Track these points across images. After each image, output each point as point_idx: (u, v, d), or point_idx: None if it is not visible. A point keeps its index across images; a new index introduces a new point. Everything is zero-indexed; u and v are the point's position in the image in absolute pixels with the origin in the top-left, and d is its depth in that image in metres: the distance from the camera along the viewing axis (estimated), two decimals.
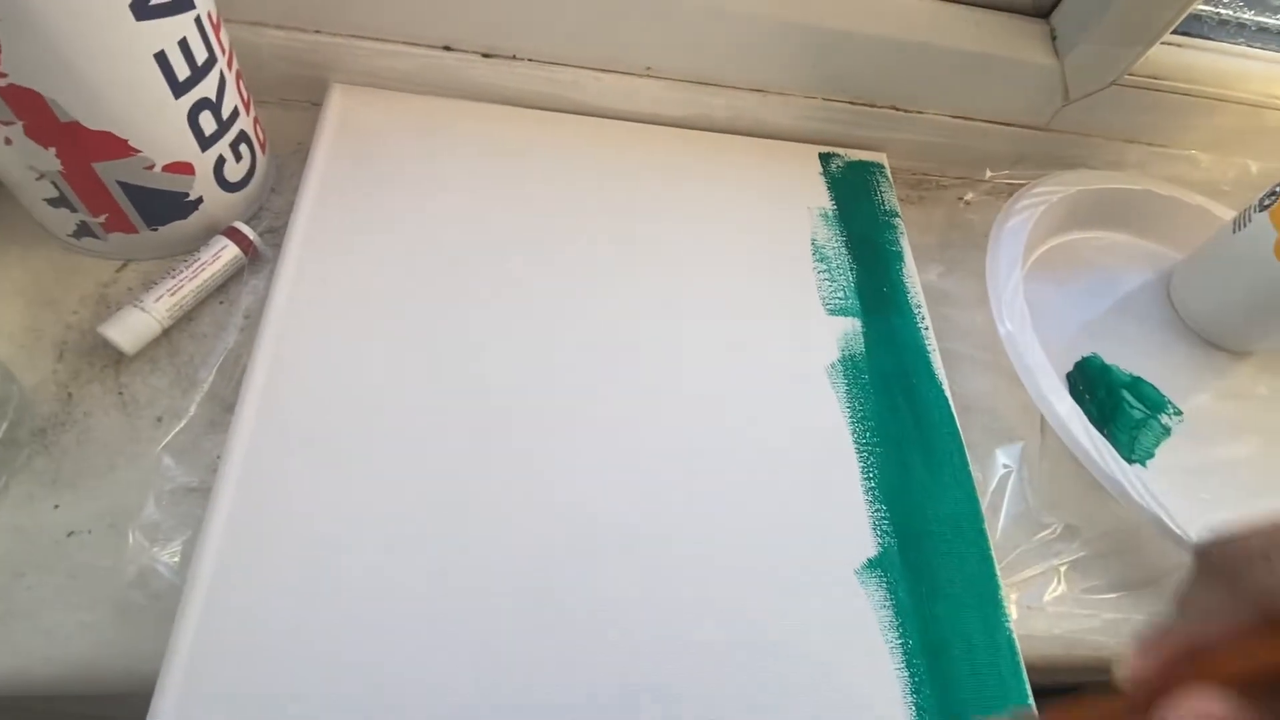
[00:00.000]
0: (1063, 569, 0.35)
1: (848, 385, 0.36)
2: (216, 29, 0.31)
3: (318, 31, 0.38)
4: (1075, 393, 0.41)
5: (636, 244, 0.38)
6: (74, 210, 0.31)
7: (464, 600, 0.28)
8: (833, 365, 0.36)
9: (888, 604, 0.31)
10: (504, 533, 0.29)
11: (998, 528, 0.35)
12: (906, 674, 0.29)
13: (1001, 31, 0.42)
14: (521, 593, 0.28)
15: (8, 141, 0.28)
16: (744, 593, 0.30)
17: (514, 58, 0.40)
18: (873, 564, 0.31)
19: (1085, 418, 0.35)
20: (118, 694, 0.27)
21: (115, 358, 0.32)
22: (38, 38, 0.25)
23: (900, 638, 0.30)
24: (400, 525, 0.29)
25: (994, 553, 0.33)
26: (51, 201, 0.31)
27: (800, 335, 0.37)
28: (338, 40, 0.38)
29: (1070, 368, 0.42)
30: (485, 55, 0.39)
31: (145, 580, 0.27)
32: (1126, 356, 0.43)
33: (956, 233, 0.46)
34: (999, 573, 0.32)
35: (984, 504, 0.35)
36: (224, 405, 0.31)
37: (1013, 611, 0.33)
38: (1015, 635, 0.31)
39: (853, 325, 0.38)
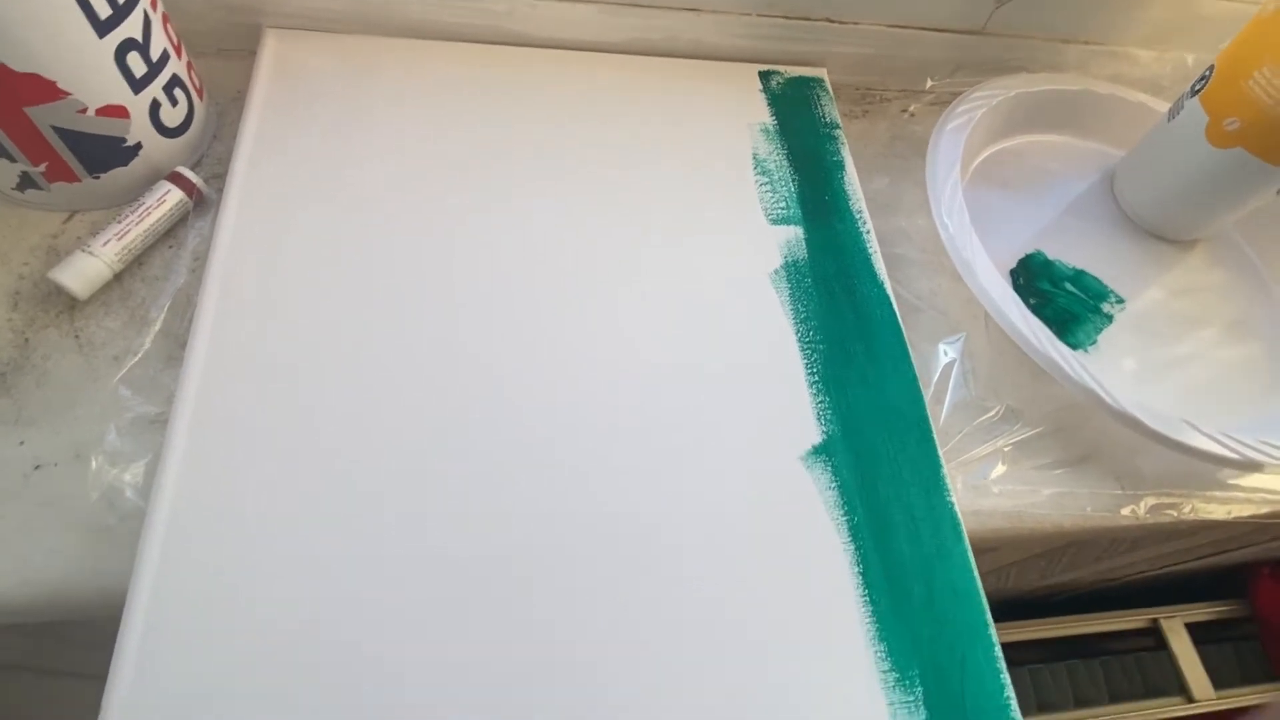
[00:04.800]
0: (1006, 449, 0.36)
1: (791, 289, 0.37)
2: None
3: None
4: (1018, 288, 0.42)
5: (579, 171, 0.39)
6: (13, 160, 0.32)
7: (407, 524, 0.29)
8: (775, 271, 0.37)
9: (833, 485, 0.32)
10: (451, 454, 0.30)
11: (941, 415, 0.37)
12: (853, 547, 0.31)
13: None
14: (474, 517, 0.29)
15: None
16: (697, 481, 0.31)
17: None
18: (818, 450, 0.33)
19: (1022, 304, 0.36)
20: (92, 618, 0.28)
21: (69, 304, 0.33)
22: None
23: (846, 515, 0.31)
24: (347, 440, 0.30)
25: (937, 437, 0.34)
26: None
27: (743, 245, 0.38)
28: None
29: (1014, 265, 0.43)
30: None
31: (111, 503, 0.28)
32: (1073, 255, 0.44)
33: (901, 144, 0.47)
34: (941, 455, 0.34)
35: (928, 395, 0.36)
36: (178, 341, 0.32)
37: (957, 489, 0.34)
38: (958, 509, 0.32)
39: (795, 233, 0.39)
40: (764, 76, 0.45)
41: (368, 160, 0.37)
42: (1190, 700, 0.66)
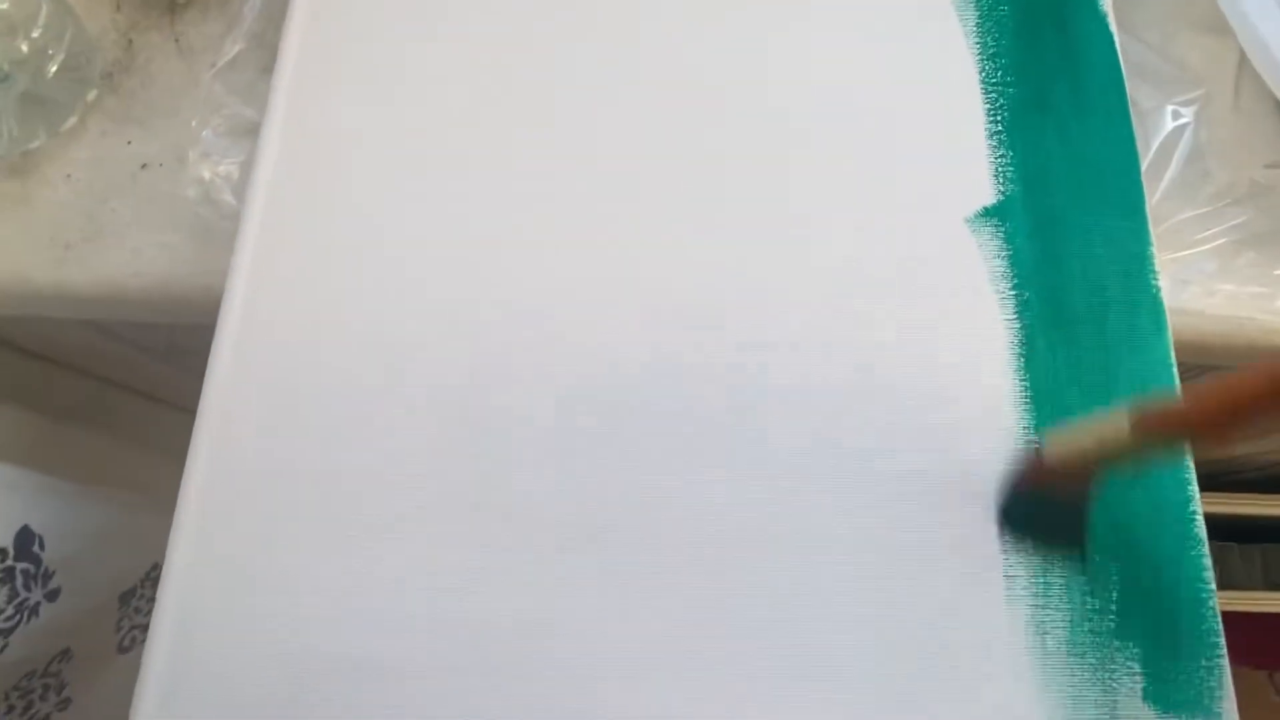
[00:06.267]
0: (1238, 242, 0.28)
1: (980, 15, 0.29)
2: None
3: None
4: None
5: None
6: None
7: (523, 234, 0.26)
8: None
9: (1004, 254, 0.26)
10: (573, 212, 0.27)
11: (1157, 192, 0.29)
12: (1018, 326, 0.25)
13: None
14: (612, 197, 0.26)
15: None
16: (843, 233, 0.26)
17: None
18: (989, 212, 0.26)
19: None
20: (195, 320, 0.28)
21: (169, 6, 0.31)
22: None
23: (1015, 289, 0.26)
24: (455, 154, 0.27)
25: (1150, 215, 0.27)
26: None
27: None
28: None
29: None
30: None
31: (212, 202, 0.27)
32: None
33: None
34: (1152, 234, 0.27)
35: (1145, 163, 0.29)
36: (274, 50, 0.30)
37: (1165, 282, 0.27)
38: (1164, 300, 0.26)
39: None
40: None
41: None
42: None
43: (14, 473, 0.29)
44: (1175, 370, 0.25)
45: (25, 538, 0.27)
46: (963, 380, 0.25)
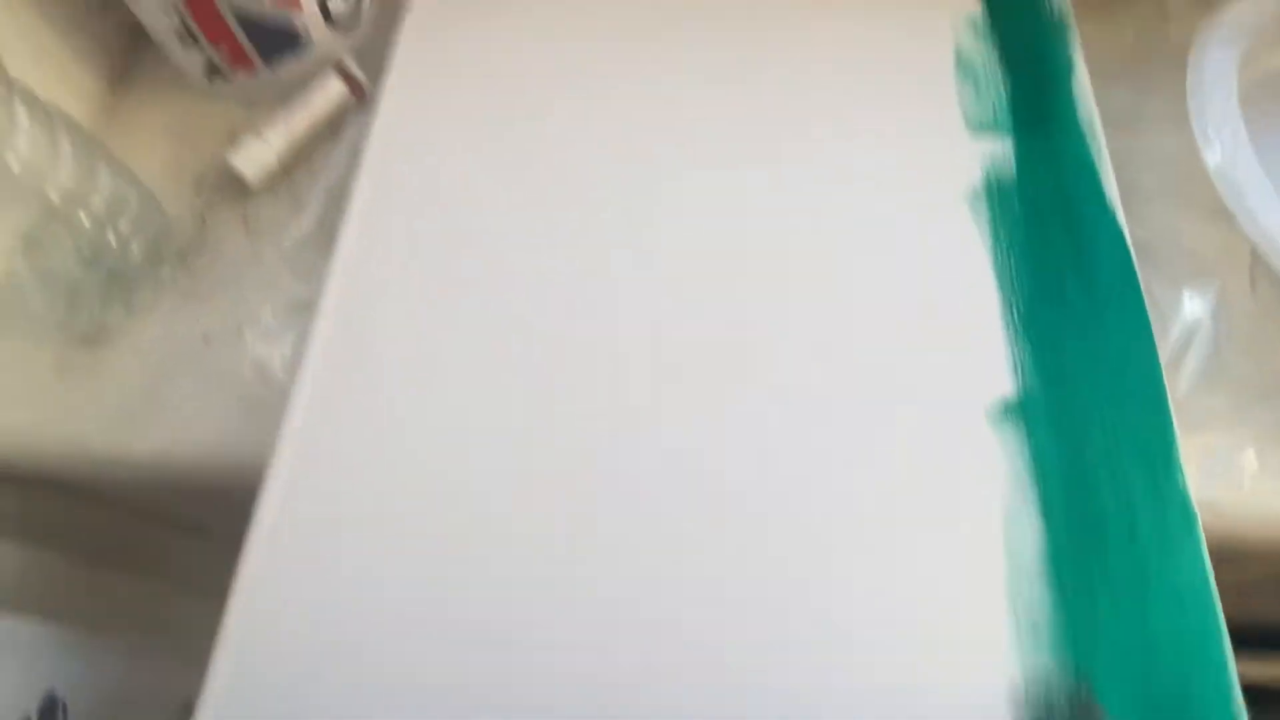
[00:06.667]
0: (1267, 434, 0.28)
1: (992, 213, 0.30)
2: None
3: None
4: None
5: (757, 62, 0.34)
6: (200, 46, 0.33)
7: (560, 415, 0.27)
8: (974, 191, 0.31)
9: (1025, 450, 0.26)
10: (616, 364, 0.28)
11: (1179, 383, 0.29)
12: (1042, 525, 0.25)
13: None
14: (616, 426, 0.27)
15: None
16: (857, 430, 0.27)
17: None
18: (1009, 407, 0.27)
19: None
20: (242, 486, 0.29)
21: (242, 189, 0.34)
22: None
23: (1039, 486, 0.26)
24: (496, 341, 0.28)
25: (1173, 410, 0.27)
26: (181, 38, 0.33)
27: (935, 157, 0.32)
28: None
29: None
30: None
31: (264, 378, 0.29)
32: None
33: (1150, 47, 0.38)
34: (1176, 428, 0.27)
35: (1163, 356, 0.29)
36: (333, 233, 0.33)
37: (1193, 476, 0.27)
38: (1194, 502, 0.26)
39: (1002, 146, 0.32)
40: None
41: (531, 60, 0.35)
42: None
43: (41, 631, 0.29)
44: (1209, 569, 0.24)
45: (49, 706, 0.28)
46: (982, 595, 0.24)
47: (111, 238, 0.29)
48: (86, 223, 0.27)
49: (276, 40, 0.34)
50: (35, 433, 0.29)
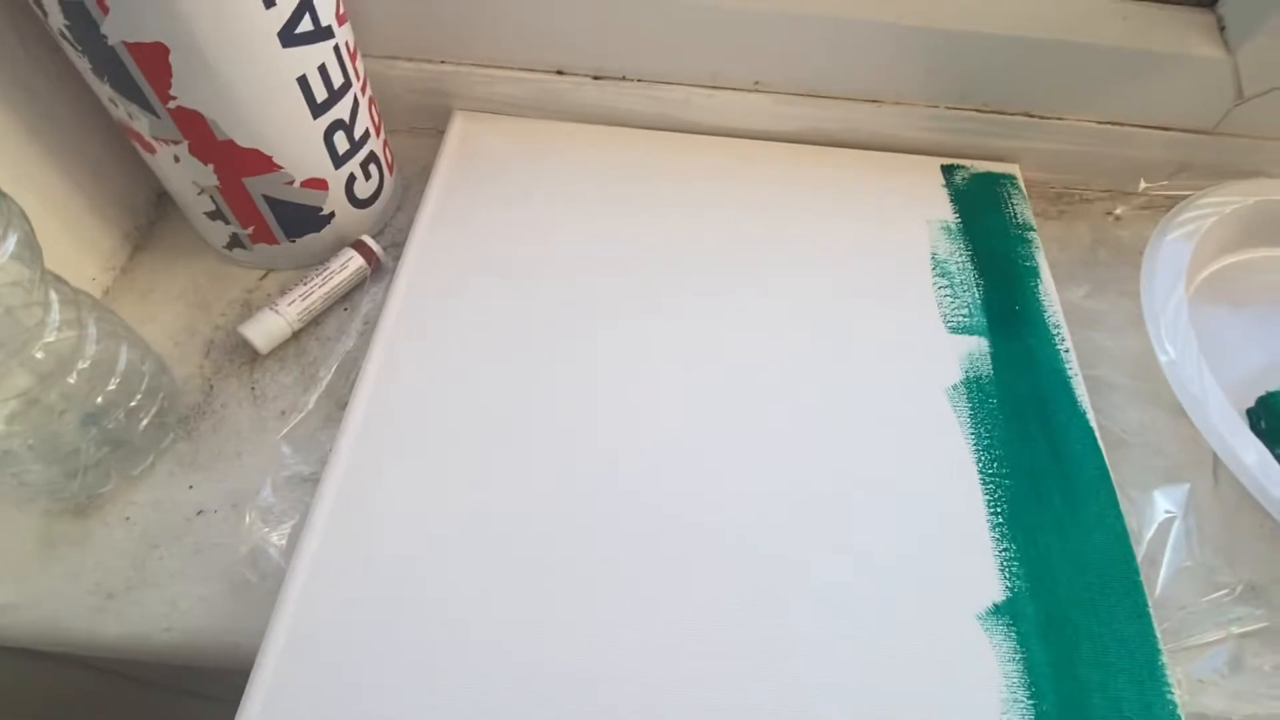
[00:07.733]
0: (1243, 638, 0.29)
1: (972, 409, 0.32)
2: (353, 57, 0.34)
3: (443, 62, 0.41)
4: (1258, 432, 0.35)
5: (744, 264, 0.37)
6: (228, 223, 0.35)
7: (552, 609, 0.27)
8: (954, 387, 0.33)
9: (1017, 657, 0.27)
10: (602, 554, 0.28)
11: (1157, 584, 0.30)
12: None
13: (1157, 24, 0.37)
14: (622, 612, 0.27)
15: (176, 159, 0.32)
16: (848, 634, 0.27)
17: (623, 78, 0.40)
18: (999, 610, 0.28)
19: (1266, 451, 0.30)
20: (222, 668, 0.28)
21: (251, 355, 0.35)
22: (202, 64, 0.28)
23: (1032, 699, 0.26)
24: (494, 531, 0.29)
25: (1153, 612, 0.28)
26: (209, 215, 0.35)
27: (917, 354, 0.34)
28: (460, 69, 0.40)
29: (1251, 404, 0.36)
30: (595, 78, 0.41)
31: (256, 560, 0.29)
32: None
33: (1105, 250, 0.41)
34: (1159, 635, 0.27)
35: (1140, 555, 0.30)
36: (339, 403, 0.33)
37: (1178, 683, 0.27)
38: (1183, 714, 0.26)
39: (978, 345, 0.34)
40: (947, 171, 0.41)
41: (542, 238, 0.37)
42: None
43: None
44: None
45: None
46: None
47: (121, 414, 0.29)
48: (99, 400, 0.28)
49: (301, 218, 0.36)
50: (11, 615, 0.28)
